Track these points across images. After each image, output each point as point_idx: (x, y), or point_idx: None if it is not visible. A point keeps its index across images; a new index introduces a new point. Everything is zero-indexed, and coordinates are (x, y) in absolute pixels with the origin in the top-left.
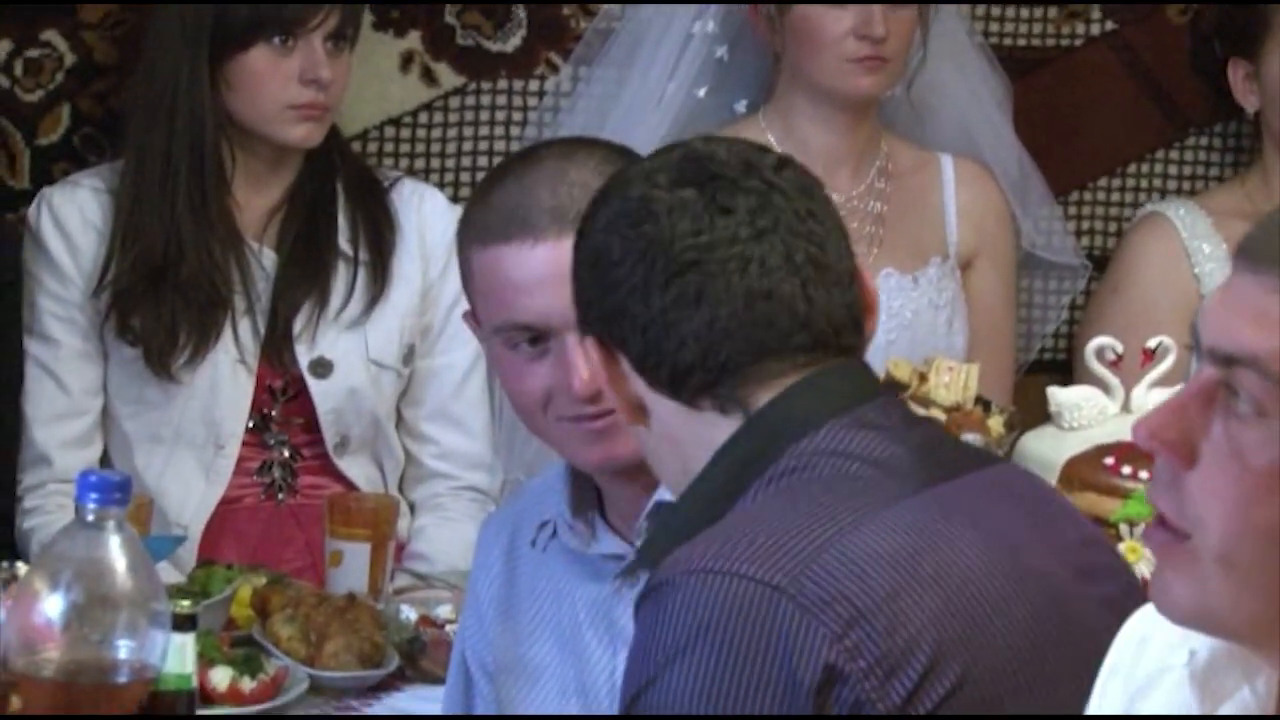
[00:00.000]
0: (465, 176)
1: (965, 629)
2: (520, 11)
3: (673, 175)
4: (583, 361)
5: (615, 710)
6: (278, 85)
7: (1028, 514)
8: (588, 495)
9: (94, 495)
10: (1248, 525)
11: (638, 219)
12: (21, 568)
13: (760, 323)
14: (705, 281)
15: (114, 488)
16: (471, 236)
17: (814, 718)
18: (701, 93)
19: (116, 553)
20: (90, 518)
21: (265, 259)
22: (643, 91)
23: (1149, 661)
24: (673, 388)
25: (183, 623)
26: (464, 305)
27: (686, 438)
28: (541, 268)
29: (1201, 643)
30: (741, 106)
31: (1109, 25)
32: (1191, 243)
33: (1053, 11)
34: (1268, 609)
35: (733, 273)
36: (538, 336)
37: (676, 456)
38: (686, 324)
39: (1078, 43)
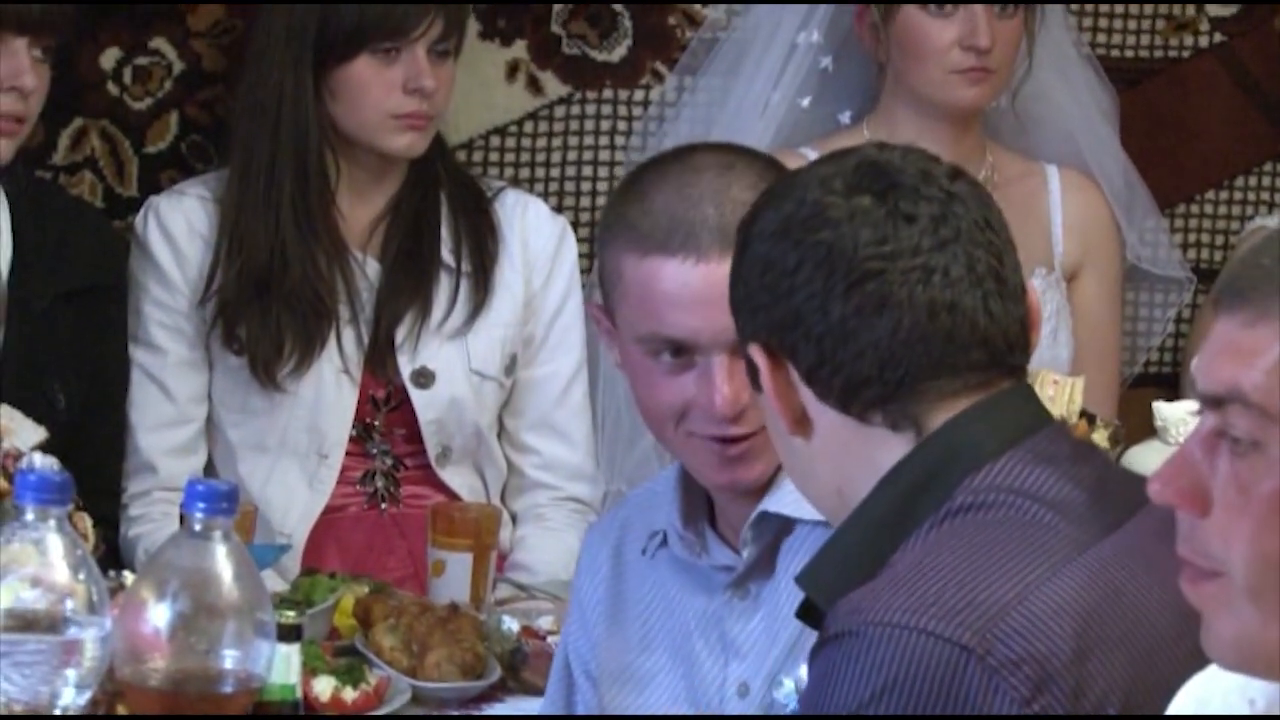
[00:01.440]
0: (570, 186)
1: (1149, 688)
2: (626, 21)
3: (849, 181)
4: (727, 382)
5: None
6: (381, 94)
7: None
8: (699, 506)
9: (201, 504)
10: (1264, 554)
11: (815, 225)
12: (128, 576)
13: (941, 335)
14: (888, 291)
15: (221, 497)
16: (627, 240)
17: (1033, 717)
18: (806, 102)
19: (223, 562)
20: (197, 527)
21: (369, 269)
22: (747, 101)
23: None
24: (844, 399)
25: (288, 633)
26: (567, 315)
27: (851, 453)
28: (702, 287)
29: (1259, 690)
30: (845, 117)
31: (1218, 37)
32: None
33: (1160, 23)
34: None
35: (916, 283)
36: (682, 348)
37: (834, 473)
38: (867, 334)
39: (1185, 54)
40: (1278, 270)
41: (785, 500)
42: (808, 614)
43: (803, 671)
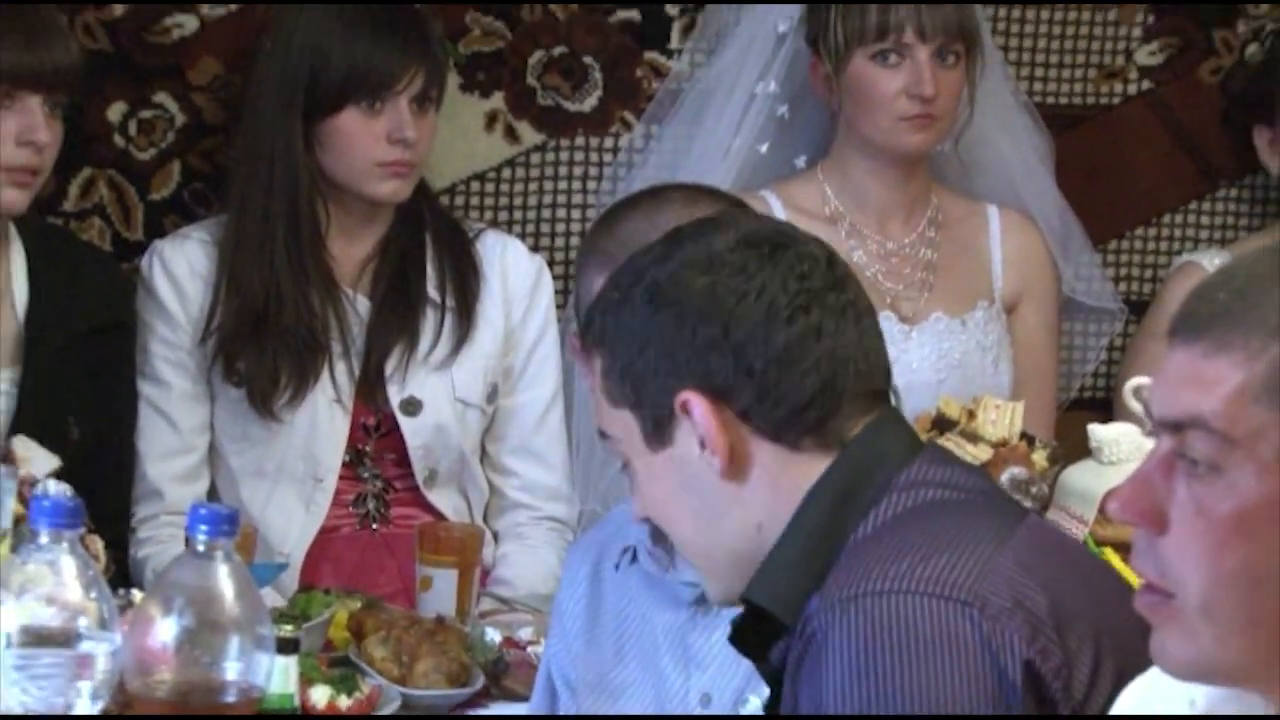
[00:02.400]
0: (545, 227)
1: (1114, 630)
2: (596, 73)
3: (748, 241)
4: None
5: None
6: (367, 144)
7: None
8: None
9: (204, 527)
10: (1222, 574)
11: (733, 268)
12: (137, 594)
13: (861, 357)
14: (823, 319)
15: (223, 520)
16: (598, 265)
17: (1018, 717)
18: (764, 148)
19: (225, 581)
20: (201, 548)
21: (359, 305)
22: (710, 147)
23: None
24: (781, 429)
25: (286, 646)
26: (544, 347)
27: (782, 485)
28: None
29: (1200, 692)
30: (801, 161)
31: (1145, 85)
32: None
33: (1092, 72)
34: (1254, 648)
35: (837, 314)
36: None
37: (760, 509)
38: (809, 358)
39: (1116, 101)
40: (1234, 305)
41: None
42: (744, 636)
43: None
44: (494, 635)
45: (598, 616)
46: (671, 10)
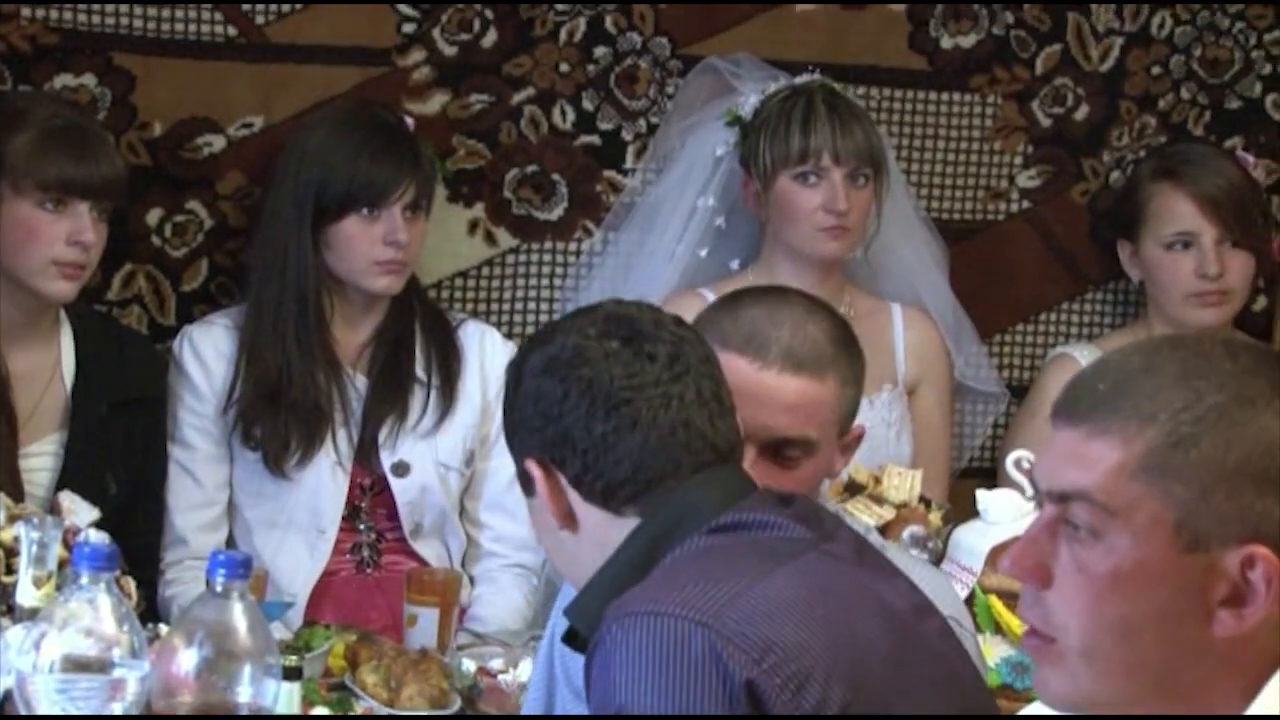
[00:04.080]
0: (518, 318)
1: (850, 659)
2: (563, 188)
3: (601, 329)
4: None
5: None
6: (366, 246)
7: (878, 566)
8: None
9: (222, 571)
10: (1100, 624)
11: (577, 364)
12: (163, 629)
13: (679, 445)
14: (638, 414)
15: (238, 565)
16: (712, 337)
17: (750, 718)
18: (704, 253)
19: (239, 617)
20: (219, 589)
21: (358, 383)
22: (659, 251)
23: None
24: (605, 499)
25: (291, 673)
26: None
27: (609, 540)
28: None
29: None
30: (735, 264)
31: (1025, 204)
32: None
33: (981, 192)
34: (1131, 687)
35: (659, 407)
36: None
37: (597, 557)
38: (623, 446)
39: (1000, 217)
40: (1111, 395)
41: None
42: (573, 640)
43: None
44: (469, 665)
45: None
46: (627, 135)
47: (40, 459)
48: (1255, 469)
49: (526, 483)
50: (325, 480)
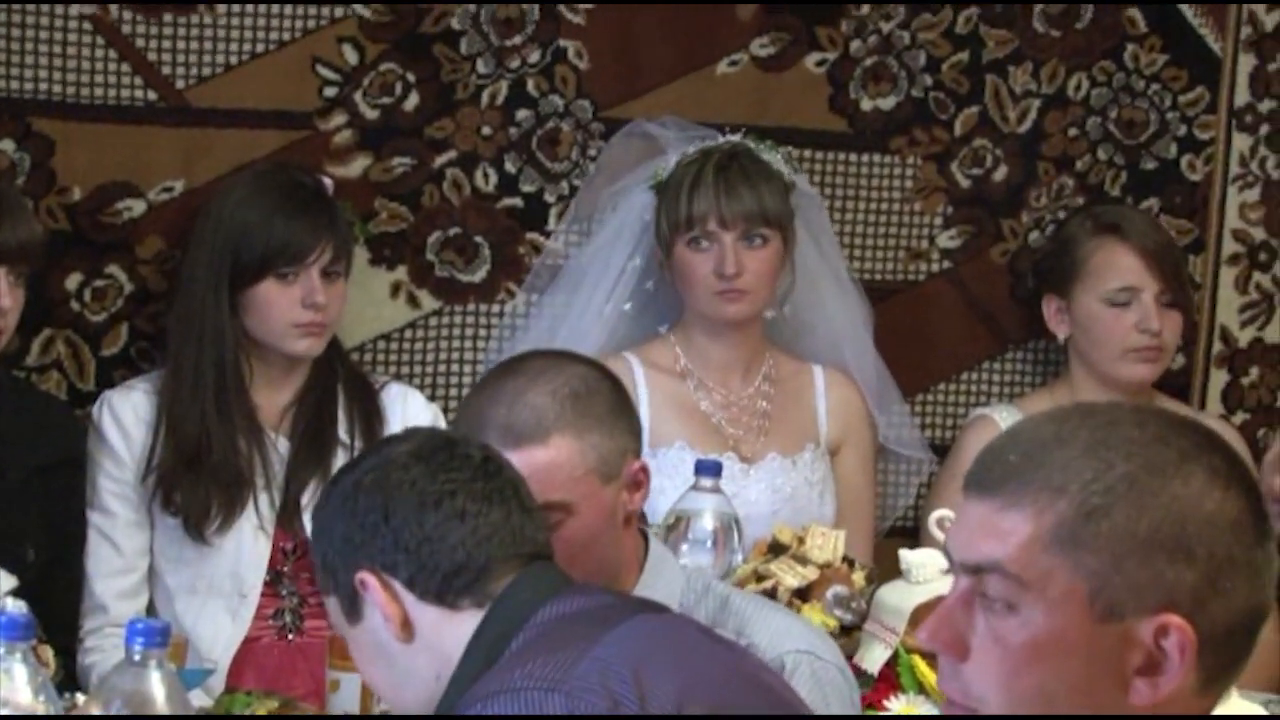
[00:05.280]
0: (441, 380)
1: (697, 696)
2: (485, 250)
3: (411, 447)
4: None
5: None
6: (284, 309)
7: (705, 632)
8: None
9: (140, 639)
10: (1018, 695)
11: (394, 473)
12: (80, 698)
13: (505, 538)
14: (463, 506)
15: (156, 633)
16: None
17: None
18: (628, 307)
19: (157, 685)
20: (137, 657)
21: (280, 446)
22: (588, 311)
23: None
24: (439, 595)
25: None
26: None
27: (447, 638)
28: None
29: None
30: (663, 328)
31: (946, 264)
32: None
33: (902, 253)
34: None
35: (481, 500)
36: None
37: (435, 660)
38: (454, 536)
39: (921, 277)
40: (1023, 466)
41: None
42: None
43: None
44: None
45: None
46: (549, 197)
47: None
48: (1166, 537)
49: (352, 608)
50: (247, 545)
